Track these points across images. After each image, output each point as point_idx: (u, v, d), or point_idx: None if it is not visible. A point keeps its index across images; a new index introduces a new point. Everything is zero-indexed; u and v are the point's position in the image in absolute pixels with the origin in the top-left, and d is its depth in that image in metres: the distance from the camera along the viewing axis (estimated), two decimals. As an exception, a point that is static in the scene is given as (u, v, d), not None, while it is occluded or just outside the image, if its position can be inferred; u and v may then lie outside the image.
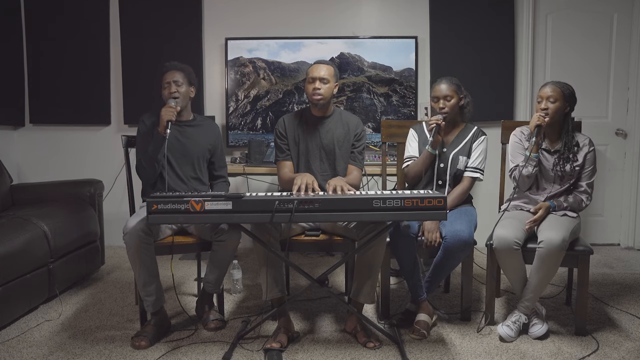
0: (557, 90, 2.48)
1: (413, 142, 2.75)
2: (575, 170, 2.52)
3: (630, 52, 4.04)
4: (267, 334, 2.45)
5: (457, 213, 2.56)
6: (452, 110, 2.62)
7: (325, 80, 2.56)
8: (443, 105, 2.60)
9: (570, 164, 2.52)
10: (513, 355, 2.27)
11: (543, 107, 2.49)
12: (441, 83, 2.63)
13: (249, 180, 4.11)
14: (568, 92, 2.50)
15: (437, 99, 2.63)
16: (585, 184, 2.55)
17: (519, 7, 4.04)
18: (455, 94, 2.61)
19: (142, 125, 2.64)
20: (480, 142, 2.67)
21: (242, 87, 4.02)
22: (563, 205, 2.51)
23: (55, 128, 4.21)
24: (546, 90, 2.51)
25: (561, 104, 2.49)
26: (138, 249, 2.35)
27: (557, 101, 2.48)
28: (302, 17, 4.09)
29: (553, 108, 2.48)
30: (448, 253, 2.45)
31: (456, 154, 2.65)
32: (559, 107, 2.49)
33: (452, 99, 2.60)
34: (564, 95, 2.49)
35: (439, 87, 2.62)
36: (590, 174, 2.55)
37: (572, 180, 2.54)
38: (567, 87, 2.52)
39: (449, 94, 2.60)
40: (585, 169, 2.54)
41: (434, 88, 2.66)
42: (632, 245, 4.15)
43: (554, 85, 2.50)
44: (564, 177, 2.53)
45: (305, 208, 2.07)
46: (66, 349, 2.34)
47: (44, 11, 4.08)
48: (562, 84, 2.52)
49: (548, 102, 2.49)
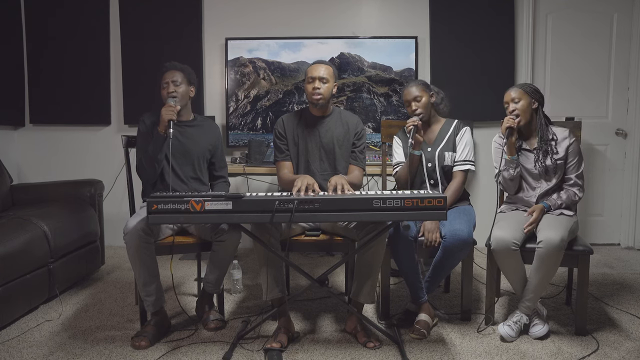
0: (519, 91, 2.55)
1: (398, 148, 2.78)
2: (558, 163, 2.53)
3: (630, 52, 4.04)
4: (267, 334, 2.45)
5: (455, 212, 2.56)
6: (425, 109, 2.65)
7: (324, 80, 2.56)
8: (415, 107, 2.64)
9: (550, 157, 2.53)
10: (513, 355, 2.27)
11: (510, 110, 2.55)
12: (409, 87, 2.68)
13: (249, 180, 4.11)
14: (530, 90, 2.56)
15: (408, 103, 2.67)
16: (574, 176, 2.55)
17: (519, 7, 4.04)
18: (424, 93, 2.65)
19: (142, 125, 2.64)
20: (462, 134, 2.69)
21: (242, 87, 4.02)
22: (557, 203, 2.51)
23: (55, 128, 4.22)
24: (509, 93, 2.57)
25: (527, 101, 2.53)
26: (138, 249, 2.35)
27: (521, 99, 2.53)
28: (302, 17, 4.09)
29: (520, 107, 2.53)
30: (447, 253, 2.45)
31: (441, 151, 2.67)
32: (525, 105, 2.53)
33: (422, 98, 2.64)
34: (526, 92, 2.54)
35: (408, 91, 2.67)
36: (577, 165, 2.55)
37: (558, 174, 2.55)
38: (528, 85, 2.59)
39: (418, 94, 2.64)
40: (570, 162, 2.54)
41: (403, 93, 2.71)
42: (632, 245, 4.15)
43: (515, 87, 2.59)
44: (547, 171, 2.54)
45: (305, 208, 2.07)
46: (66, 349, 2.34)
47: (44, 11, 4.08)
48: (522, 84, 2.61)
49: (513, 103, 2.54)
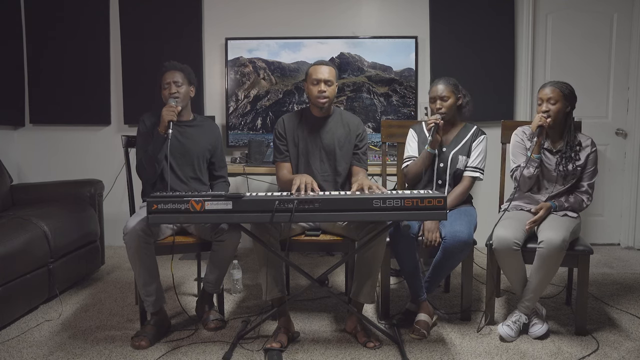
0: (557, 91, 2.47)
1: (412, 142, 2.75)
2: (578, 170, 2.52)
3: (630, 52, 4.04)
4: (267, 334, 2.45)
5: (456, 213, 2.56)
6: (450, 110, 2.61)
7: (329, 82, 2.55)
8: (440, 106, 2.60)
9: (573, 164, 2.51)
10: (513, 355, 2.27)
11: (544, 109, 2.48)
12: (438, 83, 2.62)
13: (249, 180, 4.11)
14: (568, 92, 2.49)
15: (434, 100, 2.62)
16: (586, 184, 2.54)
17: (519, 7, 4.04)
18: (452, 94, 2.61)
19: (142, 126, 2.64)
20: (480, 141, 2.67)
21: (242, 87, 4.02)
22: (564, 205, 2.51)
23: (55, 128, 4.22)
24: (546, 92, 2.49)
25: (562, 105, 2.47)
26: (138, 249, 2.35)
27: (557, 102, 2.46)
28: (302, 17, 4.09)
29: (554, 109, 2.47)
30: (447, 253, 2.45)
31: (455, 154, 2.65)
32: (560, 108, 2.47)
33: (449, 99, 2.60)
34: (564, 95, 2.47)
35: (436, 88, 2.62)
36: (591, 175, 2.54)
37: (574, 180, 2.54)
38: (566, 86, 2.50)
39: (445, 94, 2.60)
40: (587, 170, 2.54)
41: (431, 89, 2.66)
42: (632, 245, 4.15)
43: (553, 87, 2.49)
44: (566, 176, 2.53)
45: (305, 208, 2.07)
46: (66, 349, 2.34)
47: (44, 11, 4.08)
48: (561, 83, 2.51)
49: (549, 104, 2.47)
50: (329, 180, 2.64)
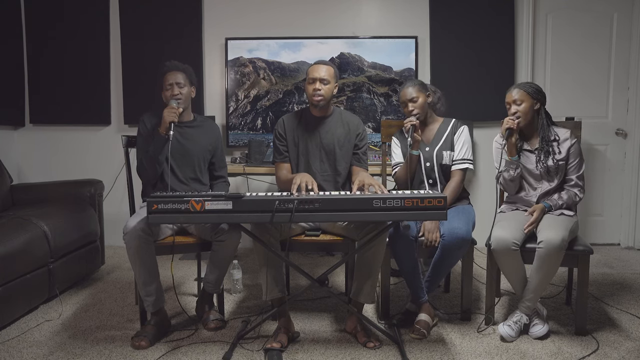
0: (521, 92, 2.52)
1: (396, 148, 2.79)
2: (560, 164, 2.53)
3: (630, 52, 4.04)
4: (267, 334, 2.45)
5: (454, 211, 2.57)
6: (422, 109, 2.65)
7: (325, 81, 2.56)
8: (412, 108, 2.63)
9: (552, 158, 2.53)
10: (513, 355, 2.27)
11: (512, 111, 2.53)
12: (405, 88, 2.67)
13: (249, 180, 4.11)
14: (532, 90, 2.53)
15: (405, 104, 2.67)
16: (575, 177, 2.55)
17: (519, 7, 4.04)
18: (420, 94, 2.65)
19: (143, 126, 2.64)
20: (460, 132, 2.69)
21: (242, 87, 4.02)
22: (558, 203, 2.51)
23: (55, 128, 4.22)
24: (512, 94, 2.54)
25: (529, 103, 2.52)
26: (138, 248, 2.35)
27: (523, 102, 2.51)
28: (303, 17, 4.09)
29: (522, 110, 2.51)
30: (446, 251, 2.46)
31: (439, 150, 2.67)
32: (527, 107, 2.52)
33: (419, 99, 2.64)
34: (528, 94, 2.52)
35: (404, 92, 2.66)
36: (578, 166, 2.55)
37: (559, 175, 2.55)
38: (530, 85, 2.55)
39: (414, 95, 2.63)
40: (571, 163, 2.55)
41: (399, 95, 2.70)
42: (632, 245, 4.15)
43: (517, 88, 2.55)
44: (549, 172, 2.54)
45: (305, 208, 2.07)
46: (66, 349, 2.34)
47: (44, 11, 4.08)
48: (524, 84, 2.57)
49: (515, 105, 2.53)
50: (329, 180, 2.64)
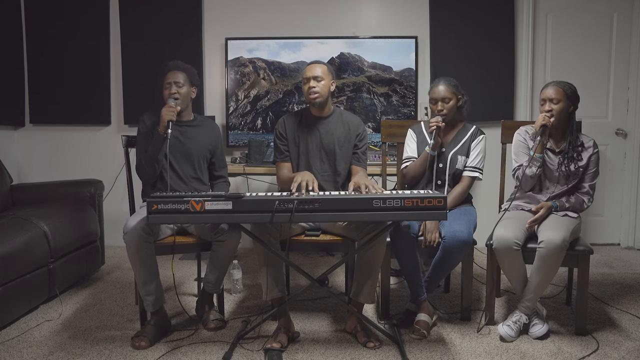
0: (560, 91, 2.47)
1: (412, 142, 2.74)
2: (579, 170, 2.52)
3: (630, 52, 4.04)
4: (267, 334, 2.45)
5: (456, 213, 2.56)
6: (451, 112, 2.60)
7: (319, 78, 2.56)
8: (441, 108, 2.58)
9: (575, 164, 2.51)
10: (513, 355, 2.27)
11: (547, 109, 2.48)
12: (439, 85, 2.60)
13: (249, 180, 4.11)
14: (570, 92, 2.48)
15: (435, 101, 2.61)
16: (587, 185, 2.54)
17: (519, 7, 4.04)
18: (453, 96, 2.60)
19: (142, 125, 2.64)
20: (479, 141, 2.66)
21: (242, 87, 4.02)
22: (565, 205, 2.51)
23: (55, 128, 4.22)
24: (548, 92, 2.49)
25: (565, 104, 2.47)
26: (138, 248, 2.35)
27: (560, 102, 2.46)
28: (302, 17, 4.09)
29: (557, 109, 2.47)
30: (447, 253, 2.45)
31: (455, 154, 2.65)
32: (562, 108, 2.47)
33: (451, 101, 2.59)
34: (566, 95, 2.47)
35: (437, 89, 2.60)
36: (593, 176, 2.54)
37: (575, 181, 2.54)
38: (569, 86, 2.50)
39: (447, 95, 2.58)
40: (588, 170, 2.53)
41: (431, 90, 2.64)
42: (632, 245, 4.15)
43: (556, 86, 2.49)
44: (568, 176, 2.53)
45: (305, 208, 2.07)
46: (66, 349, 2.34)
47: (44, 11, 4.08)
48: (563, 83, 2.50)
49: (552, 103, 2.47)
50: (329, 180, 2.64)
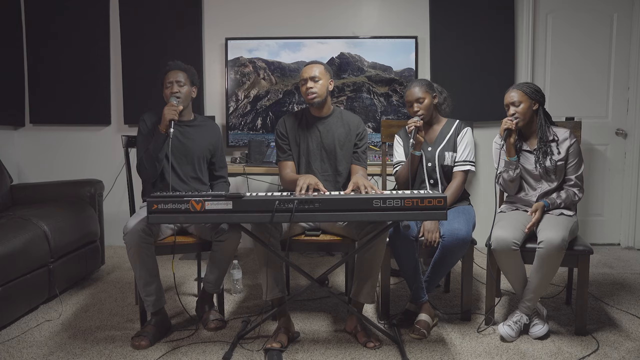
0: (519, 92, 2.52)
1: (399, 147, 2.77)
2: (558, 164, 2.53)
3: (630, 52, 4.04)
4: (267, 334, 2.45)
5: (455, 212, 2.57)
6: (427, 110, 2.63)
7: (316, 78, 2.56)
8: (417, 109, 2.62)
9: (550, 158, 2.53)
10: (513, 355, 2.27)
11: (511, 112, 2.53)
12: (411, 87, 2.65)
13: (249, 180, 4.11)
14: (531, 91, 2.53)
15: (410, 104, 2.65)
16: (574, 177, 2.55)
17: (519, 6, 4.04)
18: (427, 94, 2.62)
19: (143, 125, 2.64)
20: (463, 134, 2.68)
21: (242, 87, 4.02)
22: (557, 202, 2.52)
23: (55, 128, 4.22)
24: (510, 95, 2.54)
25: (527, 104, 2.52)
26: (138, 249, 2.35)
27: (522, 103, 2.51)
28: (302, 17, 4.09)
29: (521, 110, 2.51)
30: (446, 251, 2.46)
31: (441, 151, 2.66)
32: (525, 108, 2.52)
33: (425, 100, 2.62)
34: (526, 95, 2.52)
35: (411, 92, 2.64)
36: (577, 166, 2.55)
37: (558, 175, 2.55)
38: (528, 86, 2.55)
39: (420, 95, 2.61)
40: (570, 163, 2.55)
41: (405, 93, 2.68)
42: (632, 245, 4.15)
43: (516, 89, 2.55)
44: (548, 172, 2.54)
45: (305, 208, 2.07)
46: (66, 349, 2.34)
47: (44, 11, 4.08)
48: (522, 84, 2.56)
49: (514, 107, 2.53)
50: (329, 180, 2.64)
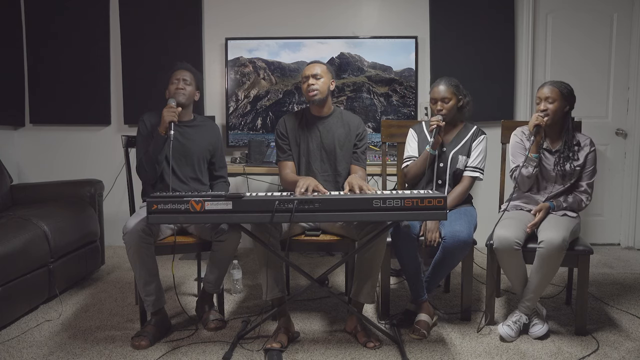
0: (556, 91, 2.47)
1: (412, 142, 2.75)
2: (576, 170, 2.52)
3: (630, 52, 4.05)
4: (267, 334, 2.45)
5: (456, 213, 2.56)
6: (451, 111, 2.60)
7: (318, 76, 2.57)
8: (441, 108, 2.59)
9: (570, 163, 2.51)
10: (513, 355, 2.27)
11: (542, 108, 2.48)
12: (439, 84, 2.60)
13: (249, 180, 4.11)
14: (566, 92, 2.49)
15: (435, 101, 2.61)
16: (585, 184, 2.55)
17: (519, 6, 4.04)
18: (453, 96, 2.60)
19: (143, 125, 2.64)
20: (479, 141, 2.66)
21: (242, 87, 4.02)
22: (562, 205, 2.51)
23: (55, 128, 4.22)
24: (544, 91, 2.49)
25: (560, 104, 2.48)
26: (138, 248, 2.35)
27: (555, 101, 2.47)
28: (302, 17, 4.09)
29: (552, 108, 2.47)
30: (447, 253, 2.45)
31: (455, 154, 2.65)
32: (558, 107, 2.48)
33: (451, 101, 2.59)
34: (562, 95, 2.47)
35: (438, 89, 2.60)
36: (590, 174, 2.54)
37: (572, 180, 2.54)
38: (565, 86, 2.50)
39: (447, 95, 2.58)
40: (586, 169, 2.54)
41: (432, 89, 2.64)
42: (632, 245, 4.15)
43: (552, 86, 2.49)
44: (565, 176, 2.53)
45: (305, 208, 2.07)
46: (66, 349, 2.34)
47: (44, 11, 4.08)
48: (559, 83, 2.51)
49: (546, 103, 2.48)
50: (329, 181, 2.64)
